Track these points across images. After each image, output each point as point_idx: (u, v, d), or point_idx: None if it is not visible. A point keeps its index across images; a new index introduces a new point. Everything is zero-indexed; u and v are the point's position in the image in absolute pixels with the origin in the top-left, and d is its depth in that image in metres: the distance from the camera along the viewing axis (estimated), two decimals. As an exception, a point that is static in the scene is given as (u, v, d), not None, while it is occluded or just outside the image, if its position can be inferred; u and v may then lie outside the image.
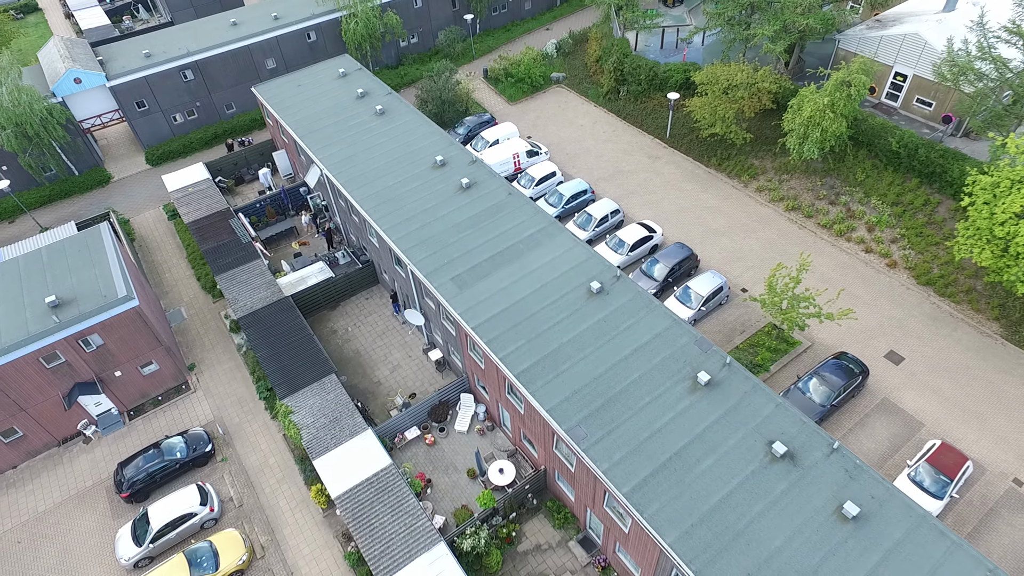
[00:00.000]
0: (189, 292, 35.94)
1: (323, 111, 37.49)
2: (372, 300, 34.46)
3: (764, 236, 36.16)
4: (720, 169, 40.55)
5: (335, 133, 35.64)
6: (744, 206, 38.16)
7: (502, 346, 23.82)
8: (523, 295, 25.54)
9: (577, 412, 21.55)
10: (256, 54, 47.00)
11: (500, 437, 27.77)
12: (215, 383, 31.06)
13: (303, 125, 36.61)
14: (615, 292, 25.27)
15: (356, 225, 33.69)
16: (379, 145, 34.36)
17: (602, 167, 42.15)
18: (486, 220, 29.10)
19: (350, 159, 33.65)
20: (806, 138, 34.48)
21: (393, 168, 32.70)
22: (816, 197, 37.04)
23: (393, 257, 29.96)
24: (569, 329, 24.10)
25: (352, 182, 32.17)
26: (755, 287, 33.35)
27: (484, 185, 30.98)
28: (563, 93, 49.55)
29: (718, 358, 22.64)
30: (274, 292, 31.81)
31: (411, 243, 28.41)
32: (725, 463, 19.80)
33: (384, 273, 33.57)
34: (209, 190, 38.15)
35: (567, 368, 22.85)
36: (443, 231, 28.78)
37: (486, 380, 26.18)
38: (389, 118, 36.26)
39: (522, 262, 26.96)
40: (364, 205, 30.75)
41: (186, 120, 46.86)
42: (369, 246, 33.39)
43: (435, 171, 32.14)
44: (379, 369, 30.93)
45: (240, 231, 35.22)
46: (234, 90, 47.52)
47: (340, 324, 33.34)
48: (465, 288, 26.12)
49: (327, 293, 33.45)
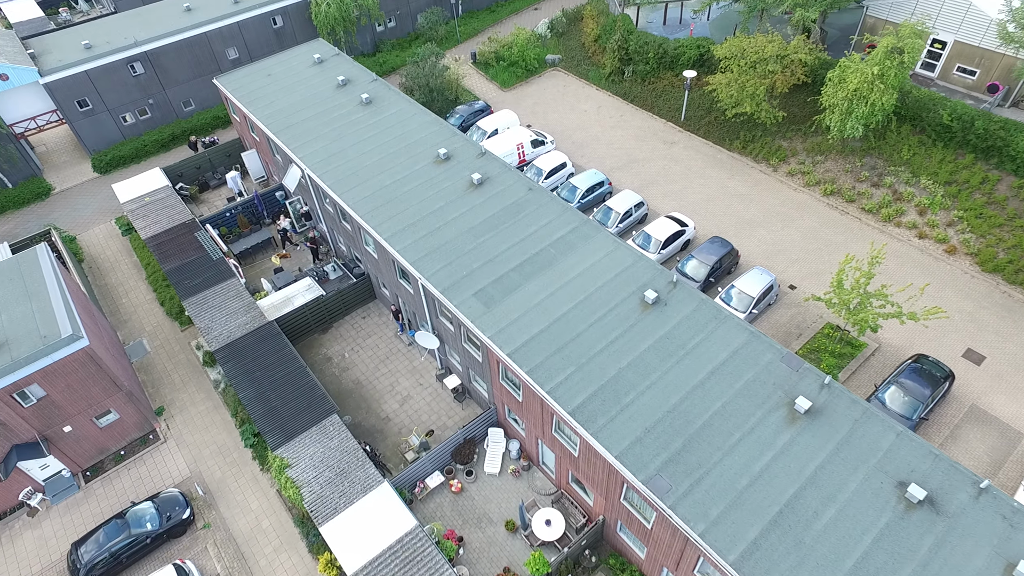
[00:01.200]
0: (152, 320, 30.68)
1: (299, 103, 32.50)
2: (370, 319, 29.74)
3: (804, 225, 32.53)
4: (745, 153, 36.81)
5: (316, 127, 30.72)
6: (777, 192, 34.49)
7: (548, 376, 19.51)
8: (564, 311, 21.25)
9: (654, 456, 17.38)
10: (215, 43, 41.49)
11: (539, 478, 23.49)
12: (190, 430, 26.03)
13: (277, 120, 31.59)
14: (675, 301, 21.17)
15: (347, 233, 28.92)
16: (369, 139, 29.59)
17: (614, 156, 38.05)
18: (506, 221, 24.70)
19: (336, 156, 28.82)
20: (850, 114, 30.90)
21: (389, 165, 28.01)
22: (856, 179, 33.54)
23: (397, 270, 25.35)
24: (626, 351, 19.91)
25: (341, 183, 27.39)
26: (803, 283, 29.67)
27: (499, 180, 26.54)
28: (561, 76, 45.25)
29: (814, 377, 18.71)
30: (255, 317, 26.88)
31: (419, 253, 23.85)
32: (850, 514, 15.87)
33: (384, 287, 28.89)
34: (169, 199, 32.85)
35: (632, 400, 18.66)
36: (456, 237, 24.28)
37: (525, 415, 21.84)
38: (378, 108, 31.49)
39: (556, 270, 22.66)
40: (358, 210, 26.03)
41: (138, 120, 41.16)
42: (364, 257, 28.66)
43: (439, 166, 27.56)
44: (386, 402, 26.30)
45: (209, 246, 30.10)
46: (192, 84, 41.96)
47: (335, 349, 28.56)
48: (492, 305, 21.70)
49: (317, 314, 28.63)
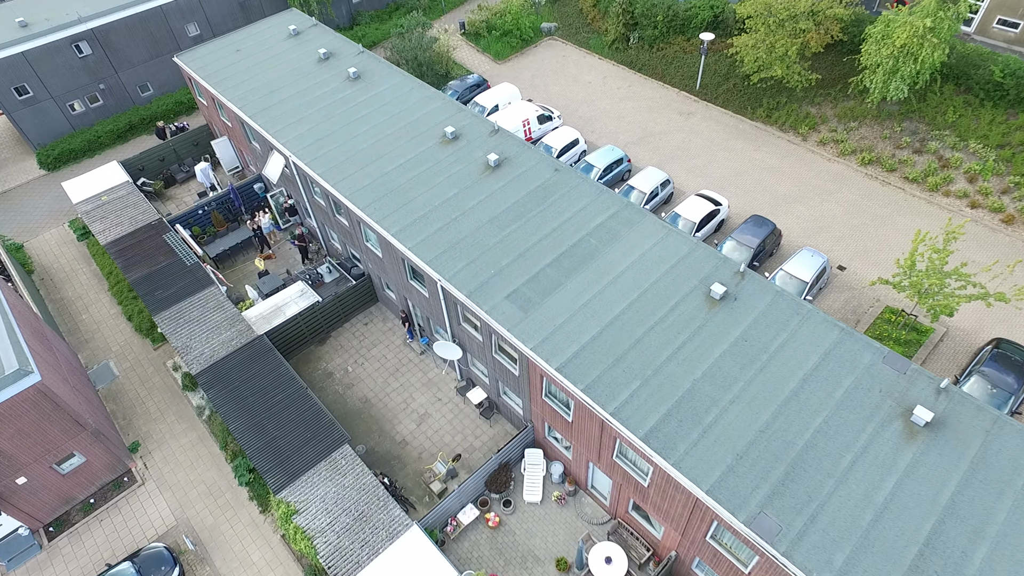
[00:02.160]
0: (118, 337, 26.58)
1: (276, 80, 28.35)
2: (373, 325, 26.10)
3: (844, 199, 29.68)
4: (770, 122, 33.75)
5: (299, 108, 26.68)
6: (810, 164, 31.56)
7: (609, 394, 16.27)
8: (616, 312, 17.96)
9: (752, 489, 14.32)
10: (172, 17, 36.75)
11: (588, 504, 20.36)
12: (172, 467, 22.27)
13: (252, 101, 27.44)
14: (746, 295, 18.03)
15: (343, 229, 25.13)
16: (362, 119, 25.70)
17: (627, 130, 34.68)
18: (533, 208, 21.23)
19: (325, 141, 24.91)
20: (894, 73, 27.97)
21: (388, 148, 24.23)
22: (896, 146, 30.75)
23: (408, 270, 21.76)
24: (698, 358, 16.75)
25: (334, 171, 23.55)
26: (853, 263, 26.86)
27: (519, 161, 23.00)
28: (558, 46, 41.53)
29: (926, 381, 15.80)
30: (241, 331, 23.07)
31: (435, 250, 20.29)
32: (1007, 552, 13.03)
33: (389, 289, 25.25)
34: (131, 197, 28.57)
35: (715, 420, 15.54)
36: (477, 229, 20.75)
37: (575, 437, 18.59)
38: (368, 83, 27.52)
39: (600, 264, 19.33)
40: (357, 202, 22.28)
41: (88, 109, 36.38)
42: (365, 256, 24.93)
43: (447, 147, 23.88)
44: (401, 422, 22.83)
45: (181, 249, 26.04)
46: (149, 66, 37.23)
47: (336, 363, 24.91)
48: (530, 309, 18.31)
49: (313, 323, 24.90)
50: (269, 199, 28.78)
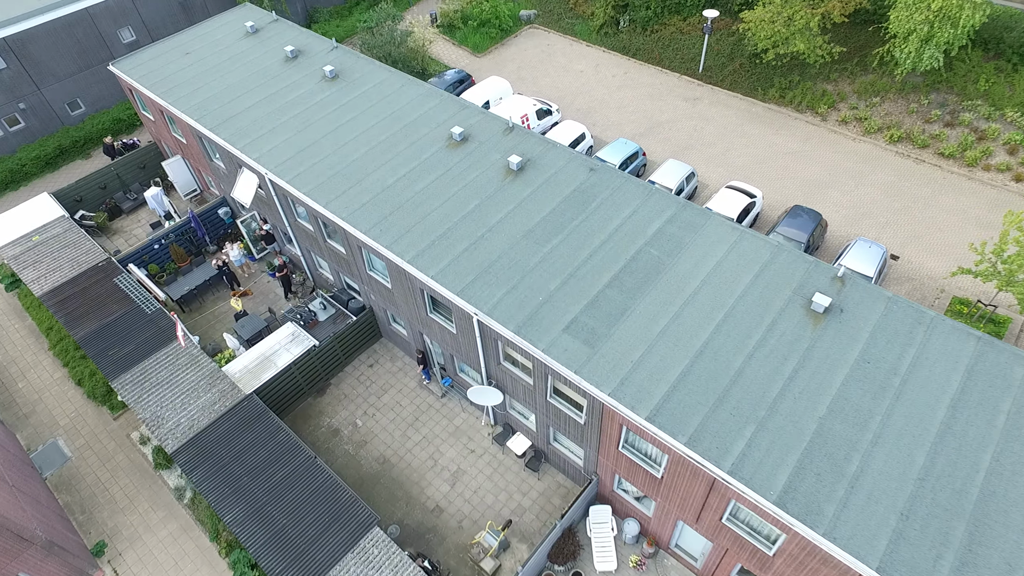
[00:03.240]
0: (67, 408, 21.90)
1: (238, 85, 24.07)
2: (380, 366, 22.18)
3: (879, 180, 27.29)
4: (783, 102, 31.20)
5: (270, 116, 22.52)
6: (834, 146, 29.10)
7: (721, 446, 12.98)
8: (703, 339, 14.70)
9: (934, 560, 11.24)
10: (102, 21, 31.76)
11: (672, 567, 17.04)
12: (151, 571, 17.90)
13: (211, 111, 23.12)
14: (852, 304, 15.03)
15: (338, 257, 21.13)
16: (349, 124, 21.76)
17: (630, 121, 31.60)
18: (574, 218, 17.79)
19: (308, 153, 20.88)
20: (928, 40, 25.67)
21: (386, 156, 20.38)
22: (925, 120, 28.56)
23: (427, 303, 18.01)
24: (816, 389, 13.64)
25: (324, 189, 19.57)
26: (905, 251, 24.40)
27: (545, 162, 19.51)
28: (541, 34, 38.17)
29: (1098, 396, 13.08)
30: (224, 391, 18.87)
31: (464, 277, 16.63)
32: None
33: (396, 323, 21.39)
34: (69, 235, 23.85)
35: (860, 468, 12.42)
36: (511, 248, 17.18)
37: (667, 494, 15.21)
38: (349, 82, 23.55)
39: (669, 280, 16.05)
40: (358, 224, 18.38)
41: (7, 132, 31.08)
42: (367, 286, 20.98)
43: (456, 151, 20.20)
44: (431, 484, 19.04)
45: (138, 294, 21.57)
46: (78, 79, 32.14)
47: (342, 417, 20.90)
48: (597, 343, 14.87)
49: (310, 371, 20.83)
50: (240, 225, 24.45)
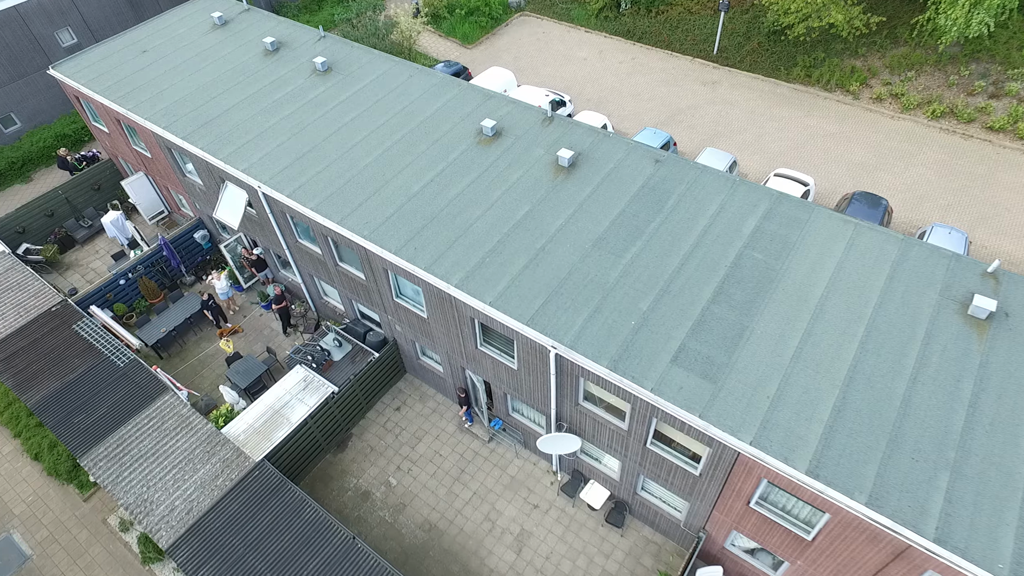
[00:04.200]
0: (23, 491, 17.72)
1: (213, 85, 20.25)
2: (409, 408, 18.67)
3: (929, 160, 25.11)
4: (810, 82, 28.84)
5: (255, 119, 18.80)
6: (873, 125, 26.85)
7: (913, 505, 10.06)
8: (848, 362, 11.80)
9: None
10: (35, 22, 27.29)
11: (802, 633, 14.11)
12: None
13: (182, 117, 19.24)
14: (1019, 306, 12.36)
15: (353, 282, 17.54)
16: (352, 123, 18.22)
17: (649, 109, 28.80)
18: (650, 219, 14.73)
19: (308, 159, 17.27)
20: (979, 4, 23.55)
21: (405, 159, 16.94)
22: (967, 92, 26.54)
23: (478, 334, 14.69)
24: (1010, 421, 10.87)
25: (335, 202, 16.01)
26: (976, 232, 22.18)
27: (599, 154, 16.40)
28: (534, 22, 35.10)
29: None
30: (228, 460, 15.15)
31: (531, 302, 13.37)
32: None
33: (425, 356, 17.94)
34: (11, 274, 19.65)
35: (1099, 521, 9.69)
36: (582, 260, 14.01)
37: (818, 559, 12.18)
38: (346, 75, 19.98)
39: (785, 289, 13.12)
40: (385, 243, 14.90)
41: (-72, 157, 26.40)
42: (392, 315, 17.42)
43: (490, 148, 16.90)
44: (492, 552, 15.66)
45: (105, 342, 17.60)
46: (11, 91, 27.58)
47: (371, 475, 17.31)
48: (718, 375, 11.81)
49: (328, 423, 17.20)
50: (224, 251, 20.58)
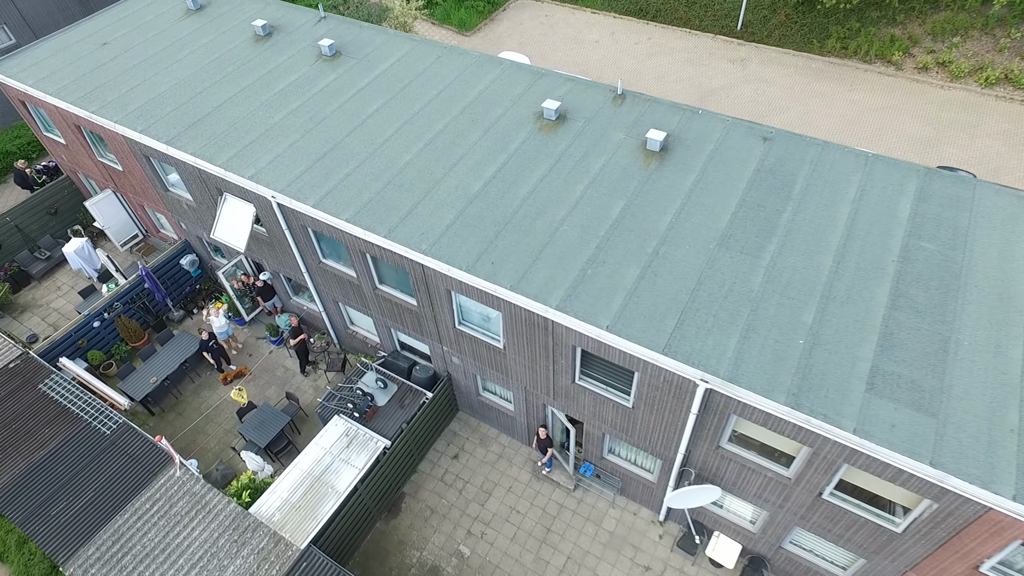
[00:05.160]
0: (-12, 599, 13.89)
1: (195, 79, 16.62)
2: (470, 455, 15.40)
3: (993, 130, 23.07)
4: (847, 54, 26.63)
5: (255, 115, 15.29)
6: (923, 96, 24.74)
7: None
8: (1091, 374, 9.16)
9: None
10: (-35, 21, 23.08)
11: None
12: None
13: (161, 118, 15.58)
14: None
15: (399, 310, 14.18)
16: (379, 115, 14.90)
17: (679, 91, 26.15)
18: (780, 210, 11.88)
19: (331, 160, 13.87)
20: (1041, -43, 21.61)
21: (453, 154, 13.72)
22: (1021, 56, 24.68)
23: (575, 366, 11.60)
24: None
25: (374, 211, 12.67)
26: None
27: (693, 135, 13.50)
28: (533, 5, 32.14)
29: None
30: (263, 550, 11.69)
31: (658, 322, 10.36)
32: None
33: (488, 392, 14.74)
34: (-46, 326, 15.70)
35: None
36: (708, 264, 11.06)
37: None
38: (359, 61, 16.62)
39: (979, 285, 10.43)
40: (453, 259, 11.66)
41: None
42: (451, 346, 14.11)
43: (556, 135, 13.84)
44: (606, 635, 12.60)
45: (84, 402, 13.88)
46: (-63, 104, 23.27)
47: (436, 544, 13.99)
48: (932, 405, 8.99)
49: (380, 486, 13.81)
50: (221, 279, 16.96)
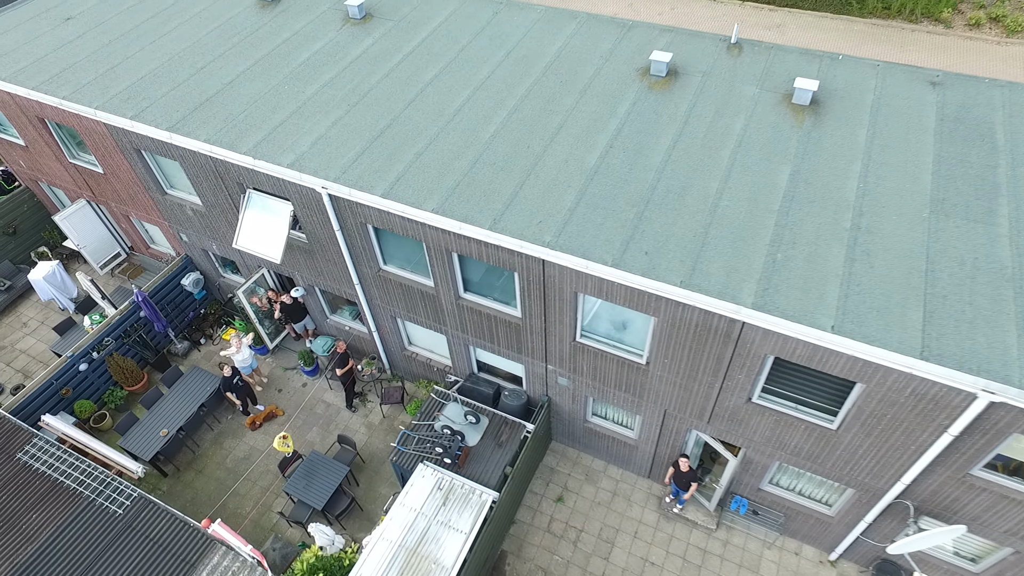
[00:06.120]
0: None
1: (190, 54, 13.28)
2: (577, 495, 12.46)
3: (1063, 85, 21.39)
4: (890, 15, 24.77)
5: (280, 92, 12.08)
6: (980, 55, 22.98)
7: None
8: None
9: None
10: None
11: None
12: None
13: (156, 101, 12.21)
14: None
15: (491, 324, 11.20)
16: (438, 83, 11.88)
17: (717, 61, 23.80)
18: (992, 164, 9.43)
19: (390, 140, 10.80)
20: None
21: (551, 123, 10.82)
22: (1077, 7, 23.19)
23: (759, 382, 8.89)
24: None
25: (467, 198, 9.68)
26: None
27: (841, 84, 11.05)
28: (539, -21, 29.42)
29: None
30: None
31: (902, 315, 7.72)
32: None
33: (597, 417, 11.90)
34: None
35: None
36: (931, 239, 8.49)
37: None
38: (398, 21, 13.53)
39: None
40: (590, 251, 8.80)
41: None
42: (564, 365, 11.20)
43: (672, 93, 11.11)
44: None
45: (79, 474, 10.50)
46: None
47: (553, 616, 11.11)
48: None
49: (485, 549, 10.79)
50: (241, 299, 13.63)
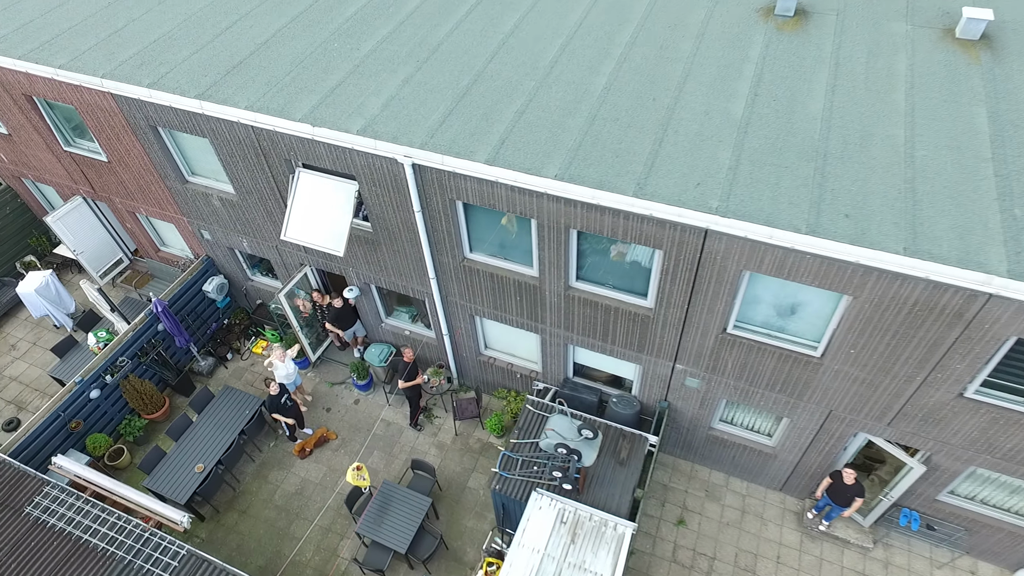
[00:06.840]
0: None
1: (211, 12, 11.05)
2: (699, 515, 10.58)
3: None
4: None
5: (329, 49, 9.95)
6: None
7: None
8: None
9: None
10: None
11: None
12: None
13: (176, 67, 9.96)
14: None
15: (607, 318, 9.19)
16: (520, 32, 9.91)
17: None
18: None
19: (477, 98, 8.76)
20: None
21: (671, 72, 8.91)
22: None
23: (983, 372, 7.10)
24: None
25: (592, 161, 7.72)
26: None
27: (1015, 21, 9.30)
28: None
29: None
30: None
31: None
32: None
33: (725, 423, 10.03)
34: None
35: None
36: None
37: None
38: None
39: None
40: (776, 218, 6.92)
41: None
42: (701, 365, 9.19)
43: (807, 34, 9.30)
44: None
45: (113, 532, 8.29)
46: None
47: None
48: None
49: (607, 591, 8.86)
50: (283, 303, 11.44)
